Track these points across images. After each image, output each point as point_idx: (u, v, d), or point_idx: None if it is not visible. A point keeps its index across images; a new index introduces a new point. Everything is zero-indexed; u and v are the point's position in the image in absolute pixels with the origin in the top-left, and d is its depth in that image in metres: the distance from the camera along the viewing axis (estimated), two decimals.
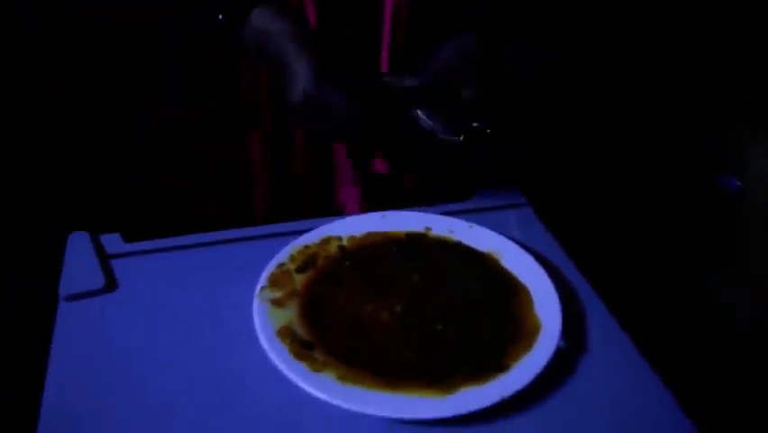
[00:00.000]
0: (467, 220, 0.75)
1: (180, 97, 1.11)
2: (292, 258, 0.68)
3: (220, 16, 0.72)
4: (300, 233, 0.72)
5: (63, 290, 0.66)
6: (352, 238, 0.72)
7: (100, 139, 1.16)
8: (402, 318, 0.62)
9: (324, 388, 0.53)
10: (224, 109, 0.95)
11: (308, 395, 0.54)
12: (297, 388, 0.54)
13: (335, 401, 0.53)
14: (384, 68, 0.81)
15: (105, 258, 0.70)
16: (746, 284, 1.07)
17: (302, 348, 0.57)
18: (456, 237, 0.73)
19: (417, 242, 0.72)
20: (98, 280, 0.67)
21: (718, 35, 1.12)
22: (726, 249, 1.13)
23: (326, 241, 0.71)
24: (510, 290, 0.66)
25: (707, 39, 1.12)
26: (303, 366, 0.55)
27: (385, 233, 0.73)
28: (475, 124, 0.69)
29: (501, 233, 0.73)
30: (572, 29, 1.01)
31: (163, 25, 1.06)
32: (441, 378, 0.55)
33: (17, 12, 1.06)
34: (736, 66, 1.14)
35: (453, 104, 0.71)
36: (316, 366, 0.56)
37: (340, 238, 0.71)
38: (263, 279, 0.64)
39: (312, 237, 0.71)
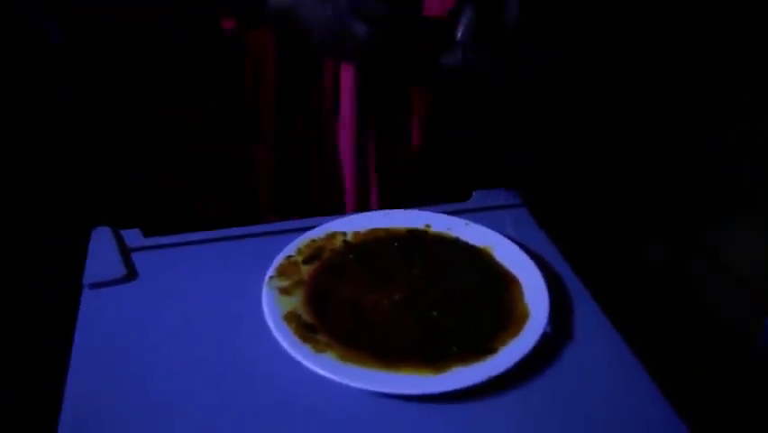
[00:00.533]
0: (465, 219, 0.79)
1: (181, 97, 1.12)
2: (299, 251, 0.73)
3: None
4: (307, 229, 0.76)
5: (87, 278, 0.71)
6: (356, 234, 0.76)
7: (107, 138, 1.18)
8: (401, 306, 0.66)
9: (327, 367, 0.58)
10: (226, 110, 0.98)
11: (312, 373, 0.58)
12: (301, 367, 0.59)
13: (336, 379, 0.57)
14: None
15: (125, 251, 0.75)
16: (738, 283, 1.10)
17: (306, 331, 0.62)
18: (454, 233, 0.77)
19: (418, 237, 0.77)
20: (119, 271, 0.72)
21: (718, 35, 1.14)
22: (718, 247, 1.16)
23: (332, 236, 0.76)
24: (503, 282, 0.70)
25: (707, 39, 1.14)
26: (307, 348, 0.60)
27: (387, 229, 0.78)
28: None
29: (496, 230, 0.77)
30: (572, 29, 1.05)
31: (163, 25, 1.08)
32: (434, 359, 0.60)
33: (18, 13, 1.09)
34: (736, 66, 1.15)
35: None
36: (319, 348, 0.60)
37: (345, 234, 0.76)
38: (272, 269, 0.69)
39: (318, 232, 0.76)
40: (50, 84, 1.15)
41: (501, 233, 0.77)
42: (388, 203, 0.82)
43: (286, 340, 0.61)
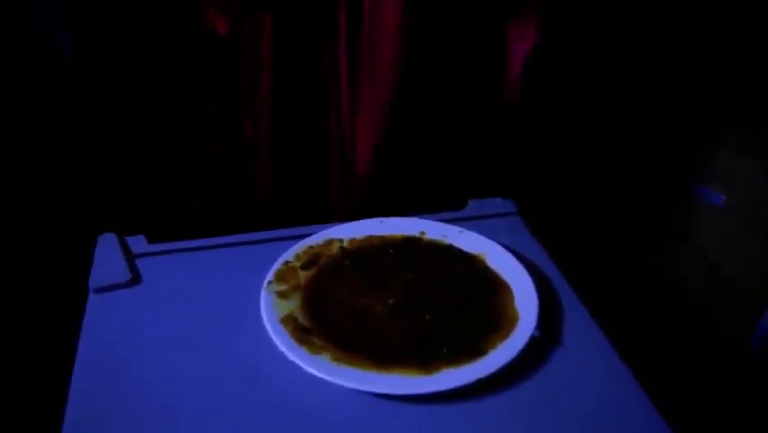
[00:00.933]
0: (460, 227, 0.81)
1: (181, 97, 1.12)
2: (297, 257, 0.75)
3: None
4: (305, 236, 0.79)
5: (92, 283, 0.73)
6: (352, 240, 0.79)
7: (106, 138, 1.19)
8: (394, 309, 0.68)
9: (321, 368, 0.60)
10: (226, 111, 1.00)
11: (307, 374, 0.60)
12: (297, 369, 0.61)
13: (330, 379, 0.59)
14: None
15: (130, 256, 0.78)
16: (736, 283, 1.11)
17: (302, 334, 0.64)
18: (448, 240, 0.79)
19: (413, 244, 0.79)
20: (124, 275, 0.74)
21: (718, 35, 1.15)
22: (708, 252, 1.16)
23: (329, 242, 0.78)
24: (494, 287, 0.72)
25: (707, 39, 1.15)
26: (302, 349, 0.62)
27: (383, 236, 0.80)
28: None
29: (490, 238, 0.79)
30: (572, 29, 1.06)
31: (163, 25, 1.07)
32: (426, 361, 0.62)
33: (18, 13, 1.11)
34: (736, 66, 1.16)
35: None
36: (315, 349, 0.62)
37: (341, 240, 0.78)
38: (270, 274, 0.72)
39: (316, 239, 0.78)
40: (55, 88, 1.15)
41: (495, 241, 0.79)
42: (385, 211, 0.84)
43: (282, 342, 0.63)
